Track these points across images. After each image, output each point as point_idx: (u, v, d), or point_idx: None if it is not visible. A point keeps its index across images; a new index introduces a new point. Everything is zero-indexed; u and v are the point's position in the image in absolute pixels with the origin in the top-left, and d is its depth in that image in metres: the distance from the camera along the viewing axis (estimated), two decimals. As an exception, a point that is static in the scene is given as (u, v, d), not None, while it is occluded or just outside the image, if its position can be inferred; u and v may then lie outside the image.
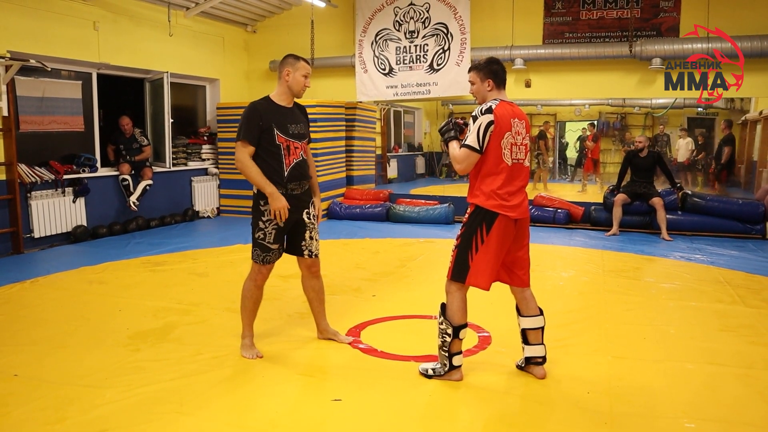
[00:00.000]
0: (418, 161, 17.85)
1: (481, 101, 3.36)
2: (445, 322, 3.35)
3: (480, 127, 3.20)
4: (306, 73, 3.72)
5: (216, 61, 10.35)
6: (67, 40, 7.66)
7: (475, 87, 3.39)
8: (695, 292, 5.34)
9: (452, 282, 3.35)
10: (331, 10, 10.21)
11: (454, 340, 3.34)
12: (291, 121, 3.72)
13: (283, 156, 3.67)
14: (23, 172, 7.19)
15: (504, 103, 3.27)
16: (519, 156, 3.30)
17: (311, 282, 3.98)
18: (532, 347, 3.46)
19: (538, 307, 3.48)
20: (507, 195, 3.24)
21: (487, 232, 3.24)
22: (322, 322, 4.08)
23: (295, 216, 3.76)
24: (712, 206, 8.23)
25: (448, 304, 3.37)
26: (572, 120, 18.14)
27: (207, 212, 10.03)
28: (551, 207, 9.20)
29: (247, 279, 3.85)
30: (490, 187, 3.24)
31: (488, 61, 3.38)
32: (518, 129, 3.28)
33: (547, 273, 6.11)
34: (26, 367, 3.63)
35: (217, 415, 3.03)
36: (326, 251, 7.09)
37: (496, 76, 3.34)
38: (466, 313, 3.36)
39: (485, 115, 3.20)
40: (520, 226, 3.37)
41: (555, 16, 9.35)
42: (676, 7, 8.73)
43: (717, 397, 3.24)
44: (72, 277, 5.94)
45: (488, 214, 3.24)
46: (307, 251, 3.87)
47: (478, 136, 3.20)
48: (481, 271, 3.26)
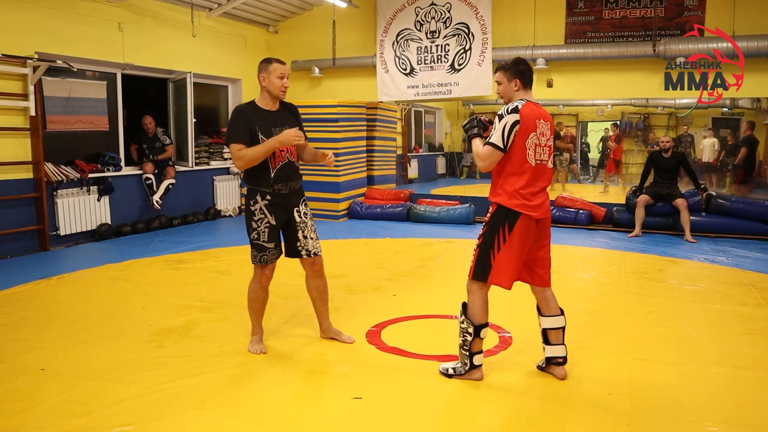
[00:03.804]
0: (438, 161, 17.80)
1: (507, 101, 3.36)
2: (466, 321, 3.35)
3: (505, 126, 3.19)
4: (280, 74, 3.66)
5: (238, 62, 10.43)
6: (93, 41, 7.78)
7: (502, 87, 3.39)
8: (719, 294, 5.27)
9: (474, 281, 3.35)
10: (352, 10, 10.23)
11: (475, 339, 3.34)
12: (275, 125, 3.69)
13: (269, 159, 3.68)
14: (50, 171, 7.32)
15: (530, 103, 3.27)
16: (543, 157, 3.29)
17: (314, 281, 3.99)
18: (553, 347, 3.45)
19: (559, 307, 3.47)
20: (530, 195, 3.24)
21: (509, 231, 3.23)
22: (325, 321, 4.10)
23: (284, 215, 3.79)
24: (736, 208, 8.10)
25: (470, 303, 3.37)
26: (594, 120, 17.97)
27: (228, 211, 10.12)
28: (573, 208, 9.14)
29: (251, 281, 3.88)
30: (513, 186, 3.23)
31: (516, 62, 3.38)
32: (543, 130, 3.28)
33: (568, 274, 6.08)
34: (52, 362, 3.70)
35: (239, 412, 3.06)
36: (347, 250, 7.14)
37: (523, 76, 3.34)
38: (487, 312, 3.37)
39: (511, 114, 3.20)
40: (542, 227, 3.36)
41: (577, 15, 9.28)
42: (701, 6, 8.60)
43: (740, 401, 3.20)
44: (96, 274, 6.03)
45: (511, 213, 3.24)
46: (304, 251, 3.87)
47: (503, 135, 3.20)
48: (503, 270, 3.26)
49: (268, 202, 3.73)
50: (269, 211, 3.73)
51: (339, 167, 9.60)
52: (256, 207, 3.74)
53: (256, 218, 3.74)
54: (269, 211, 3.73)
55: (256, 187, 3.74)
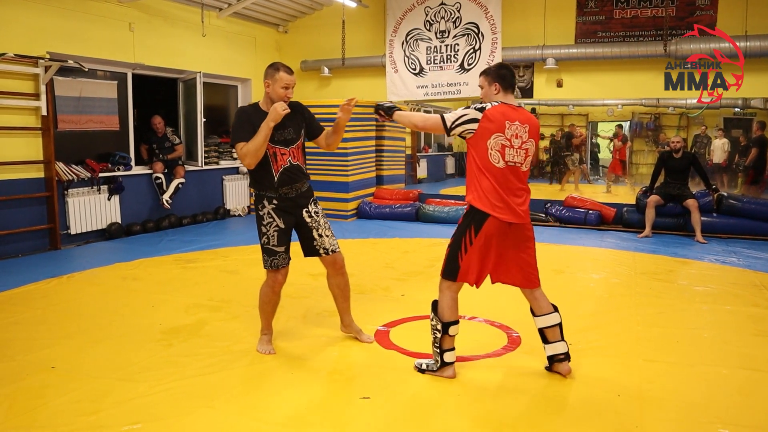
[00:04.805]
0: (447, 161, 17.81)
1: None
2: (435, 318, 3.42)
3: (463, 116, 3.26)
4: (285, 85, 3.60)
5: (248, 62, 10.46)
6: (104, 41, 7.83)
7: (483, 91, 3.44)
8: (730, 295, 5.23)
9: (444, 279, 3.42)
10: (361, 10, 10.23)
11: (444, 336, 3.40)
12: (277, 128, 3.64)
13: (270, 163, 3.68)
14: (61, 170, 7.37)
15: (504, 105, 3.29)
16: (516, 159, 3.28)
17: (335, 279, 3.99)
18: (552, 345, 3.46)
19: (552, 305, 3.48)
20: (497, 197, 3.24)
21: (475, 233, 3.28)
22: (346, 317, 4.10)
23: (292, 218, 3.78)
24: (748, 209, 8.03)
25: (439, 301, 3.44)
26: (605, 120, 17.90)
27: (238, 211, 10.15)
28: (582, 208, 9.10)
29: (264, 285, 3.87)
30: (480, 186, 3.27)
31: (497, 66, 3.44)
32: (516, 132, 3.26)
33: (577, 274, 6.05)
34: (62, 360, 3.72)
35: (247, 411, 3.06)
36: (356, 250, 7.13)
37: (503, 80, 3.36)
38: (456, 310, 3.42)
39: (476, 111, 3.24)
40: (519, 230, 3.35)
41: (588, 15, 9.24)
42: (713, 5, 8.54)
43: (752, 403, 3.17)
44: (106, 273, 6.06)
45: (478, 215, 3.27)
46: (321, 249, 3.86)
47: (455, 119, 3.28)
48: (471, 270, 3.32)
49: (275, 206, 3.73)
50: (277, 214, 3.73)
51: (348, 167, 9.60)
52: (263, 211, 3.74)
53: (265, 222, 3.74)
54: (277, 214, 3.73)
55: (263, 192, 3.75)
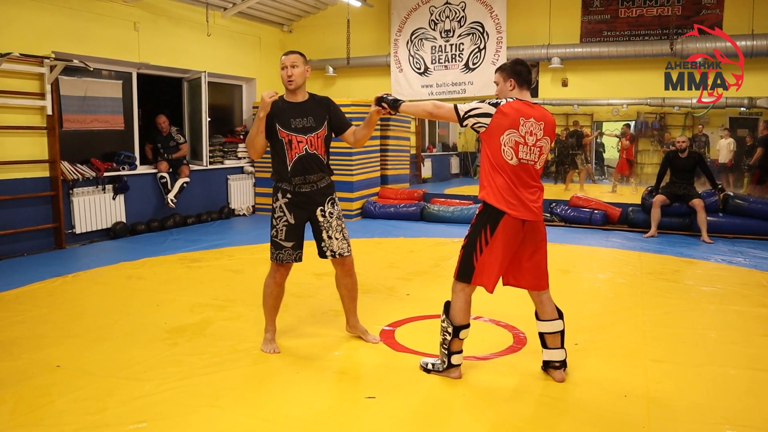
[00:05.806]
0: (452, 161, 17.79)
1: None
2: (446, 320, 3.36)
3: (476, 109, 3.21)
4: (282, 65, 3.69)
5: (253, 61, 10.47)
6: (109, 40, 7.84)
7: (499, 87, 3.38)
8: (737, 296, 5.21)
9: (458, 281, 3.36)
10: (366, 9, 10.23)
11: (454, 339, 3.34)
12: (295, 116, 3.66)
13: (286, 150, 3.67)
14: (66, 170, 7.38)
15: (519, 101, 3.23)
16: (529, 157, 3.22)
17: (344, 280, 3.98)
18: (550, 351, 3.42)
19: (558, 311, 3.42)
20: (511, 194, 3.19)
21: (491, 233, 3.21)
22: (352, 318, 4.09)
23: (305, 214, 3.76)
24: (755, 208, 8.00)
25: (452, 304, 3.36)
26: (610, 120, 17.85)
27: (243, 210, 10.15)
28: (588, 208, 9.08)
29: (267, 276, 3.88)
30: (494, 183, 3.22)
31: (513, 62, 3.37)
32: (530, 129, 3.20)
33: (583, 274, 6.03)
34: (68, 359, 3.72)
35: (252, 410, 3.06)
36: (361, 250, 7.12)
37: (519, 76, 3.31)
38: (468, 314, 3.35)
39: (490, 106, 3.19)
40: (532, 229, 3.30)
41: (593, 14, 9.22)
42: (719, 3, 8.50)
43: (760, 404, 3.15)
44: (111, 272, 6.07)
45: (493, 213, 3.21)
46: (329, 251, 3.82)
47: (469, 110, 3.23)
48: (487, 272, 3.25)
49: (288, 200, 3.72)
50: (288, 209, 3.72)
51: (352, 166, 9.60)
52: (276, 204, 3.74)
53: (276, 216, 3.75)
54: (288, 209, 3.72)
55: (279, 184, 3.75)
